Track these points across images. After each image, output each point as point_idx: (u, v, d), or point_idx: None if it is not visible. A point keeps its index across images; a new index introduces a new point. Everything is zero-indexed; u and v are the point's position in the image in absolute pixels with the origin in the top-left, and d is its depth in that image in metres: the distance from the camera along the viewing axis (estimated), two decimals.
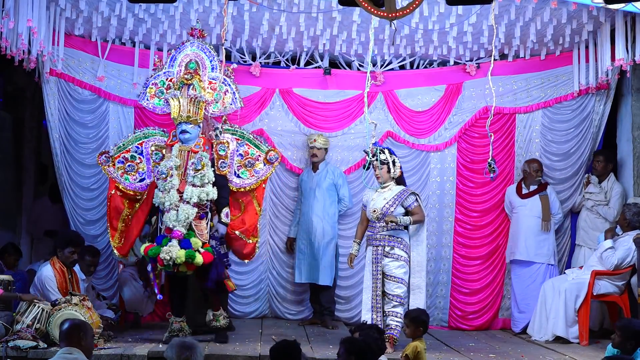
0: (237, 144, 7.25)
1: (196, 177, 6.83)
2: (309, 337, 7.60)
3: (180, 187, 6.84)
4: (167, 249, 6.63)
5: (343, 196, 8.49)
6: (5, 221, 8.79)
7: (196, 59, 7.22)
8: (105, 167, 7.27)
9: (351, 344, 4.63)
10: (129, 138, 7.34)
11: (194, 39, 7.31)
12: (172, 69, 7.25)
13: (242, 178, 7.23)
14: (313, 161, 8.47)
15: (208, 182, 6.86)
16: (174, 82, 7.19)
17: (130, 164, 7.26)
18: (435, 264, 8.76)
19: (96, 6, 7.72)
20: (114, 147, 7.33)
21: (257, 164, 7.26)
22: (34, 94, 9.12)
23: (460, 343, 7.61)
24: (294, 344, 4.63)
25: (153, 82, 7.32)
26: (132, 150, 7.28)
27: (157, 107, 7.33)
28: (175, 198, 6.77)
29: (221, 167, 7.14)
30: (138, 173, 7.27)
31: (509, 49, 8.58)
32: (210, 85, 7.16)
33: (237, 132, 7.34)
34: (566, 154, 8.65)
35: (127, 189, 7.26)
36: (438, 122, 8.78)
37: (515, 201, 8.49)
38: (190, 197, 6.77)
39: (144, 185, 7.25)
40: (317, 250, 8.34)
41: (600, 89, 8.44)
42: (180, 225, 6.73)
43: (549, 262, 8.32)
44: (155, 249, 6.74)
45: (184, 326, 7.09)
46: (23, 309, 6.62)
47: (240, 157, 7.25)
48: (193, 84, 7.07)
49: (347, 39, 8.40)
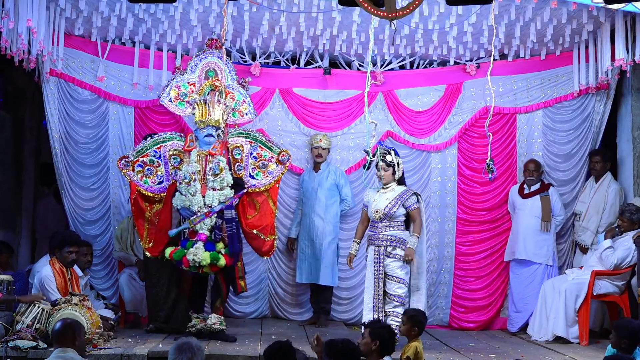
0: (250, 147, 7.46)
1: (215, 181, 7.07)
2: (309, 337, 7.60)
3: (201, 191, 7.07)
4: (194, 250, 6.94)
5: (346, 196, 8.49)
6: (5, 221, 8.78)
7: (214, 68, 7.43)
8: (125, 170, 7.43)
9: (331, 346, 4.63)
10: (147, 142, 7.47)
11: (211, 49, 7.48)
12: (194, 75, 7.43)
13: (257, 179, 7.45)
14: (317, 161, 8.48)
15: (227, 185, 7.11)
16: (196, 87, 7.37)
17: (149, 168, 7.43)
18: (438, 263, 8.77)
19: (96, 6, 7.72)
20: (133, 152, 7.47)
21: (270, 165, 7.48)
22: (34, 94, 9.11)
23: (460, 343, 7.61)
24: (287, 344, 4.64)
25: (176, 85, 7.46)
26: (150, 154, 7.44)
27: (178, 109, 7.48)
28: (201, 202, 7.02)
29: (238, 170, 7.38)
30: (157, 176, 7.45)
31: (509, 49, 8.59)
32: (229, 95, 7.39)
33: (250, 135, 7.53)
34: (568, 155, 8.66)
35: (146, 191, 7.42)
36: (438, 122, 8.78)
37: (517, 201, 8.50)
38: (212, 201, 7.02)
39: (162, 187, 7.42)
40: (319, 250, 8.35)
41: (600, 89, 8.44)
42: (205, 228, 6.99)
43: (547, 262, 8.32)
44: (180, 251, 7.05)
45: (197, 322, 7.20)
46: (23, 309, 6.62)
47: (254, 159, 7.47)
48: (221, 90, 7.27)
49: (347, 39, 8.40)
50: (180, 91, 7.43)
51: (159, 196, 7.41)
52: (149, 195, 7.42)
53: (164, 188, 7.40)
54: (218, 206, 7.04)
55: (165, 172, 7.43)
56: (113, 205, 8.55)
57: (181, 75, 7.47)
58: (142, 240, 7.42)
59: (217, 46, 7.50)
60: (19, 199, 9.16)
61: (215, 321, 7.21)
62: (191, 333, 7.04)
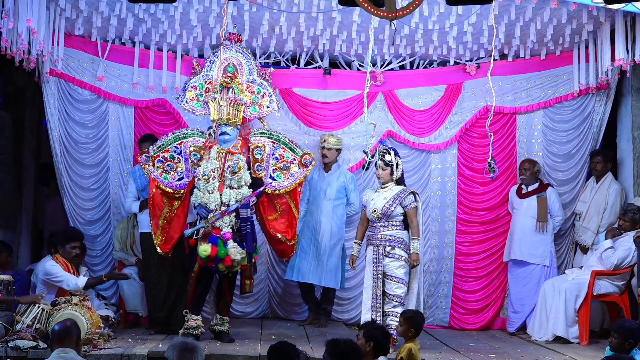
0: (272, 147, 7.40)
1: (233, 179, 7.02)
2: (309, 337, 7.60)
3: (219, 189, 7.02)
4: (234, 250, 6.88)
5: (353, 200, 8.44)
6: (5, 221, 8.78)
7: (234, 63, 7.38)
8: (145, 166, 7.35)
9: (333, 346, 4.62)
10: (168, 138, 7.37)
11: (232, 43, 7.43)
12: (211, 72, 7.39)
13: (278, 180, 7.37)
14: (324, 162, 8.45)
15: (244, 184, 7.06)
16: (213, 85, 7.33)
17: (169, 164, 7.34)
18: (437, 263, 8.77)
19: (96, 6, 7.72)
20: (154, 147, 7.36)
21: (292, 167, 7.41)
22: (34, 94, 9.11)
23: (460, 343, 7.61)
24: (291, 344, 4.64)
25: (192, 85, 7.43)
26: (171, 150, 7.36)
27: (196, 109, 7.45)
28: (218, 200, 6.97)
29: (257, 170, 7.31)
30: (177, 172, 7.36)
31: (509, 49, 8.59)
32: (249, 89, 7.35)
33: (274, 136, 7.46)
34: (568, 155, 8.66)
35: (166, 187, 7.33)
36: (438, 122, 8.78)
37: (515, 201, 8.51)
38: (229, 199, 6.97)
39: (182, 184, 7.33)
40: (324, 251, 8.31)
41: (600, 89, 8.44)
42: (225, 227, 6.93)
43: (543, 263, 8.30)
44: (224, 249, 6.88)
45: (199, 324, 7.16)
46: (23, 309, 6.62)
47: (275, 160, 7.40)
48: (232, 87, 7.25)
49: (347, 39, 8.40)
50: (197, 91, 7.39)
51: (179, 192, 7.31)
52: (168, 191, 7.31)
53: (184, 184, 7.31)
54: (234, 205, 6.98)
55: (186, 169, 7.32)
56: (113, 205, 8.55)
57: (197, 74, 7.44)
58: (155, 237, 7.30)
59: (237, 40, 7.46)
60: (19, 199, 9.15)
61: (217, 322, 7.19)
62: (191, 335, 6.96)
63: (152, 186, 7.35)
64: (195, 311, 7.20)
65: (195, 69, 7.58)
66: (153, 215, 7.33)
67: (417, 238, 7.02)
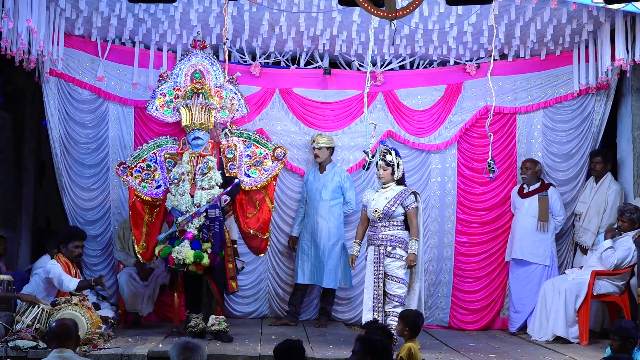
0: (244, 146, 7.55)
1: (204, 180, 7.15)
2: (309, 337, 7.60)
3: (191, 191, 7.15)
4: (179, 249, 7.03)
5: (350, 199, 8.46)
6: (5, 221, 8.79)
7: (200, 69, 7.46)
8: (123, 177, 7.61)
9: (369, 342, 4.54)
10: (144, 148, 7.65)
11: (197, 50, 7.49)
12: (179, 79, 7.48)
13: (253, 177, 7.55)
14: (316, 161, 8.46)
15: (215, 184, 7.16)
16: (181, 91, 7.42)
17: (146, 173, 7.59)
18: (437, 263, 8.77)
19: (96, 6, 7.73)
20: (130, 158, 7.63)
21: (265, 162, 7.58)
22: (34, 94, 9.12)
23: (460, 343, 7.61)
24: (298, 344, 4.62)
25: (161, 93, 7.54)
26: (147, 159, 7.60)
27: (167, 116, 7.57)
28: (189, 202, 7.09)
29: (230, 169, 7.43)
30: (154, 180, 7.60)
31: (509, 49, 8.59)
32: (217, 94, 7.44)
33: (244, 135, 7.64)
34: (568, 155, 8.65)
35: (145, 196, 7.55)
36: (438, 122, 8.78)
37: (517, 200, 8.51)
38: (200, 200, 7.08)
39: (160, 192, 7.55)
40: (323, 252, 8.32)
41: (600, 89, 8.44)
42: (193, 227, 7.04)
43: (544, 263, 8.29)
44: (167, 249, 7.13)
45: (198, 322, 7.27)
46: (23, 309, 6.63)
47: (248, 158, 7.57)
48: (203, 92, 7.34)
49: (347, 39, 8.40)
50: (166, 98, 7.51)
51: (159, 200, 7.50)
52: (148, 199, 7.53)
53: (162, 192, 7.50)
54: (204, 207, 7.08)
55: (162, 176, 7.55)
56: (113, 205, 8.55)
57: (165, 82, 7.53)
58: (138, 246, 7.50)
59: (202, 47, 7.54)
60: (19, 198, 9.16)
61: (213, 322, 7.21)
62: (193, 333, 7.08)
63: (131, 196, 7.57)
64: (194, 310, 7.34)
65: (163, 75, 7.65)
66: (135, 224, 7.53)
67: (415, 239, 7.02)
